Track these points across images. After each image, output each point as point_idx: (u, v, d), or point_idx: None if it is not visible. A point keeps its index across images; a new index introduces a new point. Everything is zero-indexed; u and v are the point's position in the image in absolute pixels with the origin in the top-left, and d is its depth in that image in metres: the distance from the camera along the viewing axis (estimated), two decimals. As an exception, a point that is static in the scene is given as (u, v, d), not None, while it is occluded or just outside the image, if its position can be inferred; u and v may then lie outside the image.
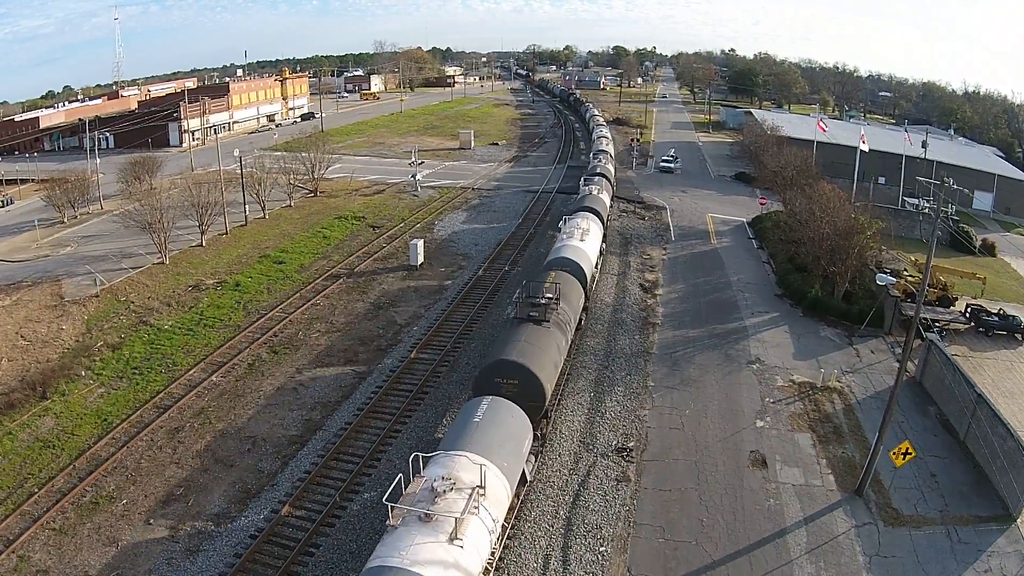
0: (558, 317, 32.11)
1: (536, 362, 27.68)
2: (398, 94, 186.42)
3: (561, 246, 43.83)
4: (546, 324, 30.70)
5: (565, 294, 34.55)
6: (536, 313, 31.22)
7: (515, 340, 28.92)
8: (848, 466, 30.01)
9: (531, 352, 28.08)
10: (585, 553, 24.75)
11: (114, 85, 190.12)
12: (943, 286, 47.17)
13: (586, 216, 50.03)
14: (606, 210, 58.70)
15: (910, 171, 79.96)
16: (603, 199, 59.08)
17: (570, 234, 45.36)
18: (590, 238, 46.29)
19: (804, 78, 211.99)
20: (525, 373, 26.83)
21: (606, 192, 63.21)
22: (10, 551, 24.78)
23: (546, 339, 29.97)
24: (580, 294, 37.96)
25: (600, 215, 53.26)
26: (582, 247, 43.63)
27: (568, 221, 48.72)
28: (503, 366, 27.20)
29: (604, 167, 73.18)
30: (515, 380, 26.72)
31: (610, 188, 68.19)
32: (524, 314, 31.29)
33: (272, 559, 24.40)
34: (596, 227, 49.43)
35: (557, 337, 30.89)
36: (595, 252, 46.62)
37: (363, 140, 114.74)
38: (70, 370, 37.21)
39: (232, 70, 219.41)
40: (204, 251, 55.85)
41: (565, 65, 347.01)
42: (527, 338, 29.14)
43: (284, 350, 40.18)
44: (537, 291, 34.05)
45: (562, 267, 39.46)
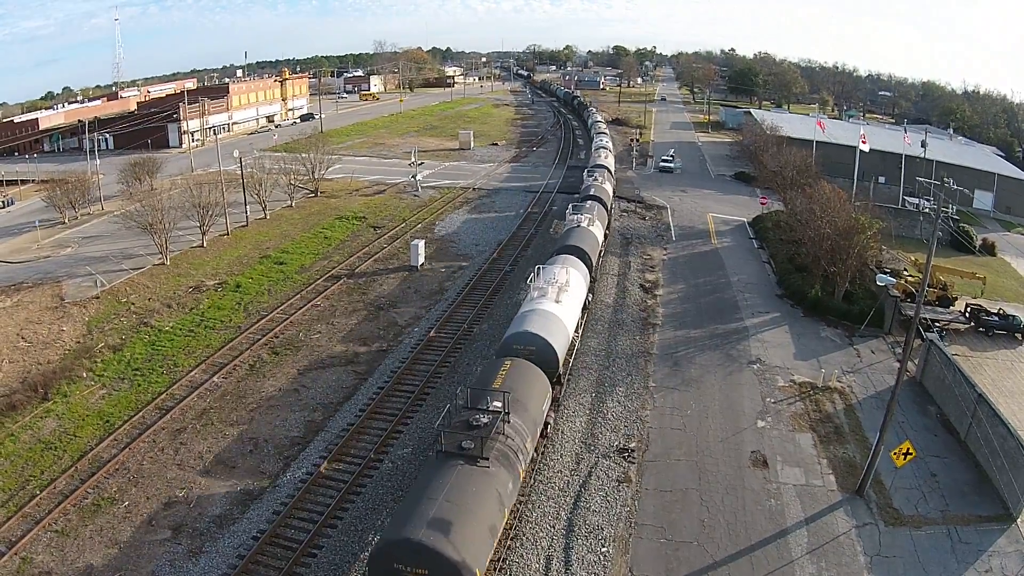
0: (505, 446, 22.88)
1: (458, 544, 18.56)
2: (398, 95, 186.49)
3: (526, 313, 32.48)
4: (483, 463, 21.37)
5: (520, 400, 25.18)
6: (470, 444, 21.79)
7: (428, 500, 19.72)
8: (849, 466, 30.06)
9: (451, 526, 18.87)
10: (587, 554, 24.79)
11: (113, 86, 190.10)
12: (943, 286, 47.21)
13: (566, 262, 39.71)
14: (597, 249, 47.62)
15: (910, 171, 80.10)
16: (594, 233, 47.88)
17: (542, 291, 34.34)
18: (569, 297, 35.01)
19: (804, 78, 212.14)
20: (438, 562, 18.12)
21: (599, 222, 51.52)
22: (13, 553, 24.82)
23: (480, 495, 20.51)
24: (545, 390, 27.66)
25: (587, 258, 42.64)
26: (556, 313, 32.59)
27: (543, 271, 38.02)
28: (404, 552, 18.36)
29: (600, 187, 61.83)
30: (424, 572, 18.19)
31: (605, 216, 56.08)
32: (453, 445, 21.97)
33: (274, 560, 24.47)
34: (579, 278, 38.73)
35: (499, 483, 21.49)
36: (574, 319, 35.03)
37: (363, 141, 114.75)
38: (71, 371, 37.24)
39: (231, 71, 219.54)
40: (205, 252, 55.87)
41: (565, 65, 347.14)
42: (449, 494, 19.94)
43: (285, 351, 40.21)
44: (478, 399, 24.60)
45: (524, 345, 29.66)
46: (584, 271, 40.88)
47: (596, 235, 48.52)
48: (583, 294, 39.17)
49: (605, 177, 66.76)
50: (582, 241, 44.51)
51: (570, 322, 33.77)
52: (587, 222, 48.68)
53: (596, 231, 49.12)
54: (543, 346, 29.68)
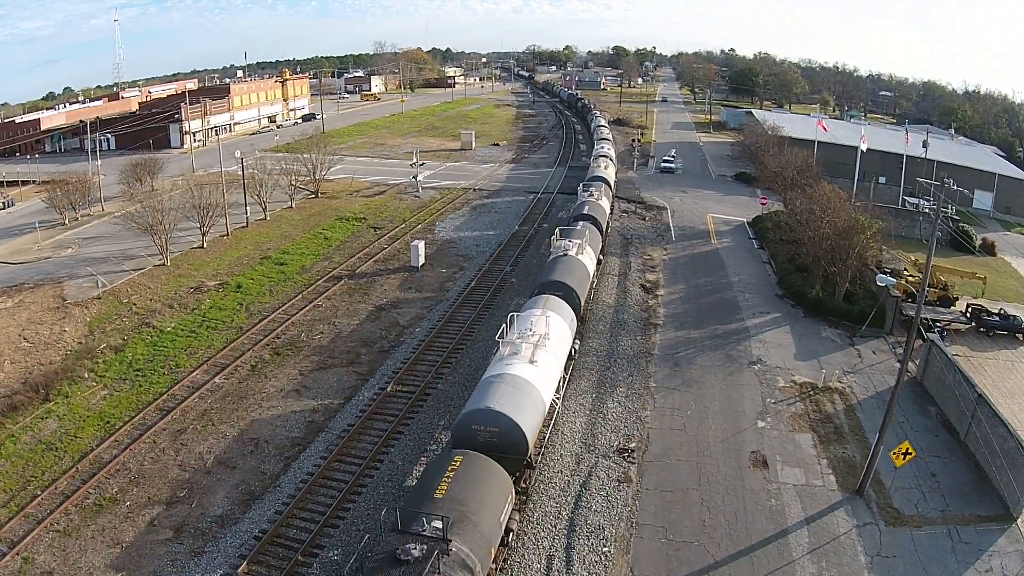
0: None
1: None
2: (399, 95, 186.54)
3: (491, 381, 26.55)
4: None
5: (470, 515, 19.89)
6: None
7: None
8: (849, 466, 30.08)
9: None
10: (588, 554, 24.83)
11: (114, 86, 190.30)
12: (944, 286, 47.24)
13: (548, 306, 33.19)
14: (587, 283, 41.16)
15: (910, 171, 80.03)
16: (583, 264, 41.37)
17: (514, 348, 28.41)
18: (548, 355, 29.05)
19: (804, 78, 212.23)
20: None
21: (591, 248, 44.73)
22: (15, 553, 24.87)
23: None
24: (505, 492, 22.28)
25: (574, 297, 36.41)
26: (529, 379, 26.79)
27: (518, 320, 31.44)
28: None
29: (595, 204, 54.68)
30: None
31: (599, 240, 49.49)
32: None
33: (277, 560, 24.52)
34: (562, 326, 32.44)
35: None
36: (553, 381, 29.15)
37: (364, 141, 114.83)
38: (72, 372, 37.29)
39: (232, 71, 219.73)
40: (205, 253, 55.94)
41: (565, 65, 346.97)
42: None
43: (286, 352, 40.26)
44: (412, 520, 19.16)
45: (486, 426, 24.20)
46: (569, 315, 34.62)
47: (586, 266, 41.88)
48: (567, 345, 32.66)
49: (602, 192, 59.13)
50: (568, 275, 38.32)
51: (547, 388, 27.89)
52: (576, 249, 42.08)
53: (587, 260, 42.40)
54: (508, 428, 24.24)
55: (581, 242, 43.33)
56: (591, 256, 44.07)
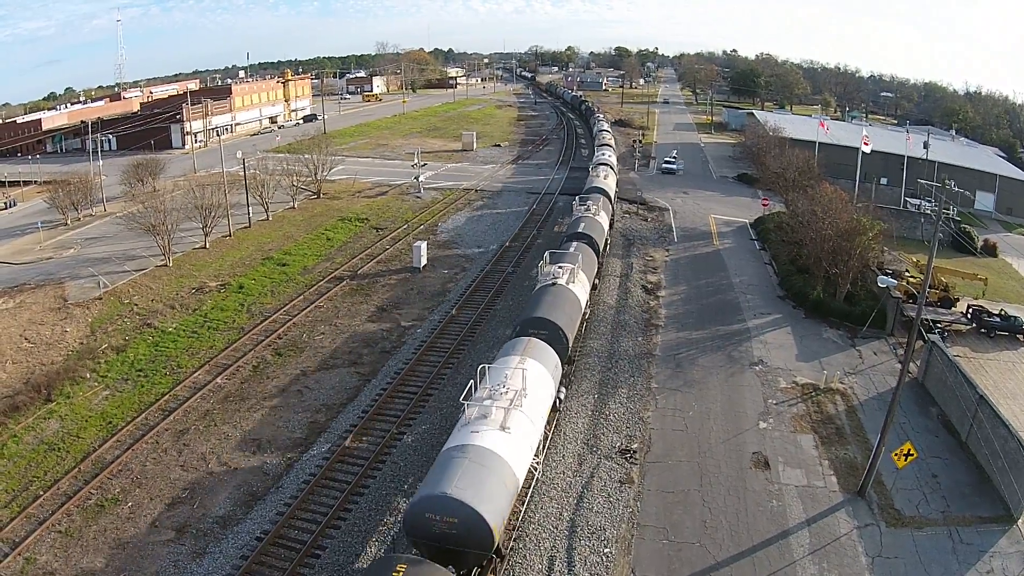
0: None
1: None
2: (400, 96, 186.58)
3: (452, 455, 22.22)
4: None
5: None
6: None
7: None
8: (850, 467, 30.10)
9: None
10: (589, 555, 24.86)
11: (116, 87, 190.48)
12: (945, 287, 47.21)
13: (528, 352, 28.59)
14: (578, 318, 36.05)
15: (912, 172, 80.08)
16: (573, 295, 36.19)
17: (484, 411, 23.97)
18: (524, 417, 24.58)
19: (806, 79, 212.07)
20: None
21: (585, 274, 39.67)
22: (16, 554, 24.91)
23: None
24: None
25: (560, 337, 31.64)
26: (499, 452, 22.42)
27: (491, 372, 26.63)
28: None
29: (592, 220, 48.92)
30: None
31: (594, 263, 44.26)
32: None
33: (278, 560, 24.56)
34: (543, 377, 27.87)
35: None
36: (530, 449, 24.62)
37: (366, 142, 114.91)
38: (74, 372, 37.33)
39: (234, 72, 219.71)
40: (207, 253, 56.01)
41: (567, 66, 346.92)
42: None
43: (288, 352, 40.32)
44: None
45: (443, 516, 20.50)
46: (553, 361, 29.86)
47: (577, 298, 36.53)
48: (549, 399, 27.94)
49: (600, 206, 53.11)
50: (555, 310, 33.32)
51: (522, 460, 23.44)
52: (567, 277, 36.91)
53: (578, 290, 37.08)
54: (469, 519, 20.27)
55: (573, 268, 38.15)
56: (584, 284, 39.09)
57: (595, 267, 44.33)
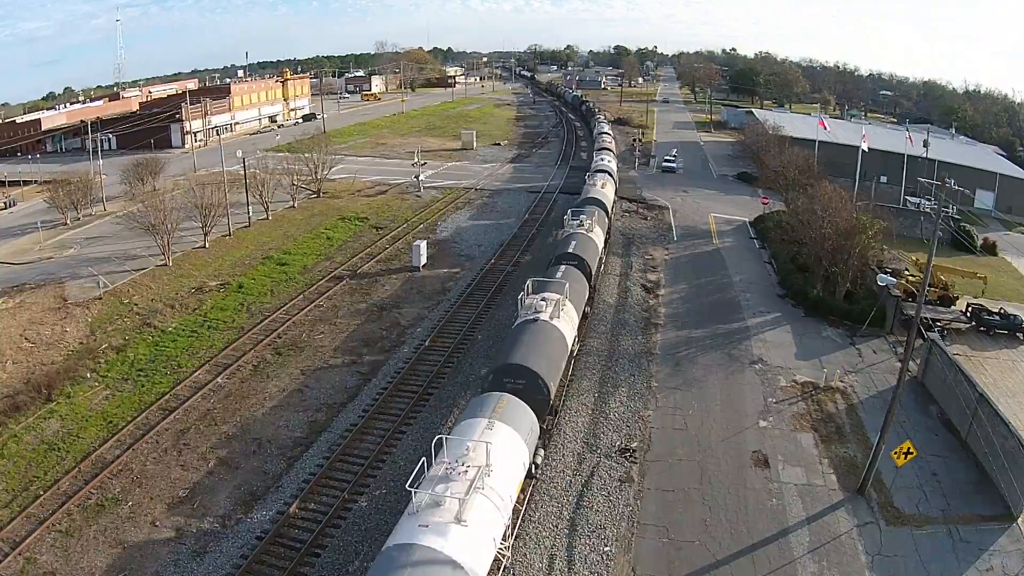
0: None
1: None
2: (399, 95, 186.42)
3: None
4: None
5: None
6: None
7: None
8: (850, 466, 30.13)
9: None
10: (590, 553, 24.89)
11: (115, 86, 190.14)
12: (944, 285, 47.20)
13: (496, 415, 23.89)
14: (563, 360, 31.05)
15: (912, 170, 79.98)
16: (558, 331, 31.08)
17: (435, 501, 19.63)
18: (485, 504, 20.15)
19: (805, 77, 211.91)
20: None
21: (573, 304, 34.36)
22: (16, 553, 24.93)
23: None
24: None
25: (539, 389, 26.88)
26: (454, 556, 18.22)
27: (448, 444, 22.04)
28: None
29: (585, 237, 43.99)
30: None
31: (585, 287, 39.12)
32: None
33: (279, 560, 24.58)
34: (513, 448, 23.13)
35: None
36: (490, 551, 19.99)
37: (365, 141, 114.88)
38: (74, 372, 37.34)
39: (233, 71, 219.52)
40: (207, 253, 55.99)
41: (566, 65, 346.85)
42: None
43: (288, 352, 40.33)
44: None
45: None
46: (528, 421, 24.93)
47: (562, 335, 31.24)
48: (521, 471, 23.50)
49: (595, 220, 47.77)
50: (533, 354, 28.07)
51: (481, 560, 19.22)
52: (552, 310, 31.65)
53: (564, 326, 31.72)
54: None
55: (559, 299, 32.74)
56: (571, 318, 33.43)
57: (586, 294, 39.17)
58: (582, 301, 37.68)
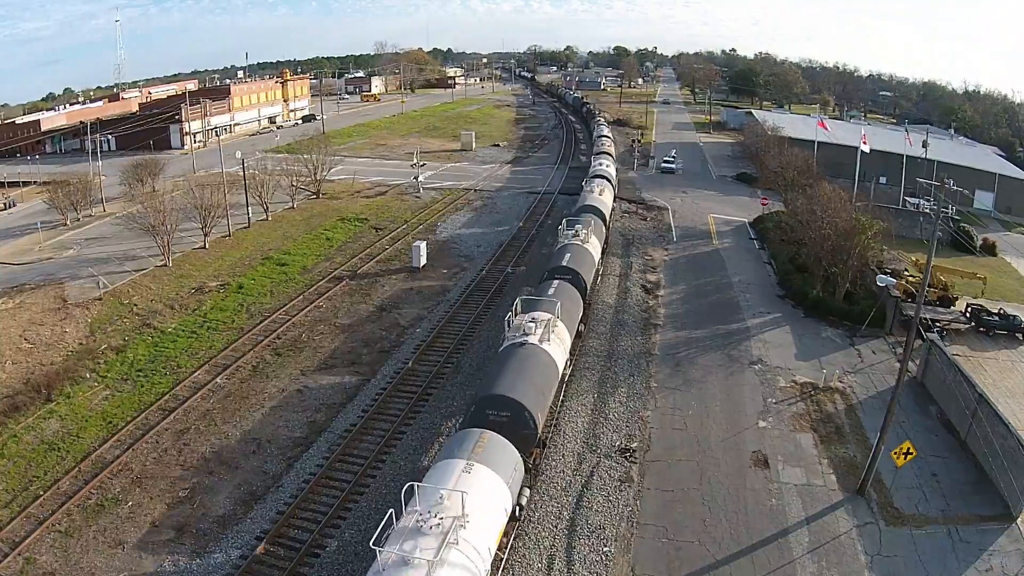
0: None
1: None
2: (399, 95, 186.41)
3: None
4: None
5: None
6: None
7: None
8: (850, 466, 30.14)
9: None
10: (589, 553, 24.90)
11: (115, 87, 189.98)
12: (944, 286, 47.27)
13: (477, 448, 22.07)
14: (548, 399, 27.48)
15: (911, 171, 79.91)
16: (548, 359, 28.49)
17: (403, 556, 17.54)
18: (459, 561, 18.00)
19: (804, 78, 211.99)
20: None
21: (563, 324, 31.53)
22: (16, 553, 24.93)
23: None
24: None
25: (527, 422, 24.93)
26: None
27: (420, 494, 19.70)
28: None
29: (580, 250, 41.70)
30: None
31: (580, 306, 36.52)
32: None
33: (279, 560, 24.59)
34: (492, 496, 20.93)
35: None
36: None
37: (365, 142, 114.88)
38: (74, 373, 37.35)
39: (233, 72, 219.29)
40: (207, 253, 56.00)
41: (566, 66, 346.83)
42: None
43: (288, 352, 40.33)
44: None
45: None
46: (511, 461, 22.77)
47: (553, 359, 28.55)
48: (502, 518, 21.36)
49: (591, 230, 45.19)
50: (520, 382, 25.80)
51: None
52: (541, 331, 28.93)
53: (555, 349, 28.95)
54: None
55: (550, 319, 29.76)
56: (563, 340, 30.61)
57: (580, 312, 36.41)
58: (575, 319, 34.73)
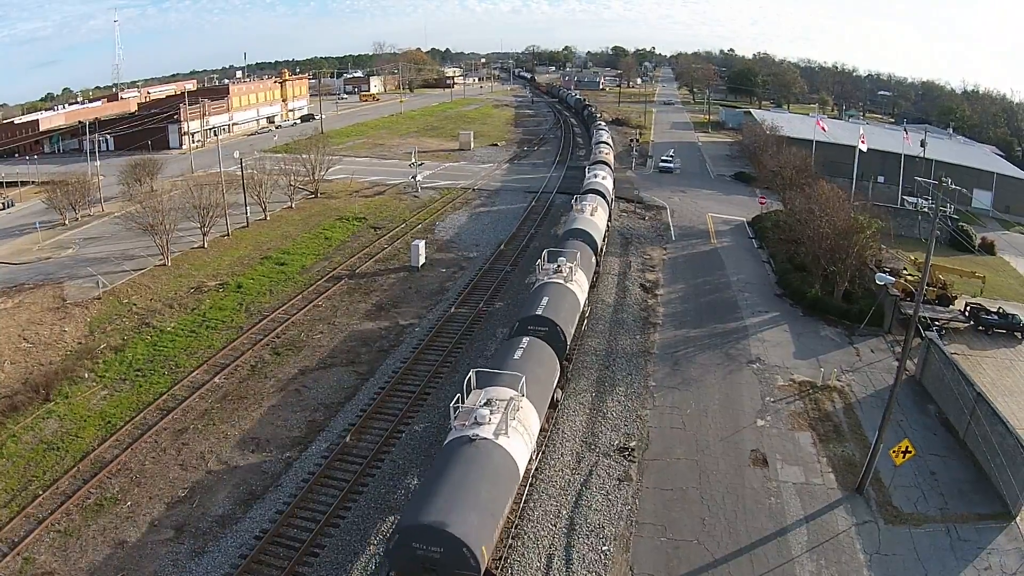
0: None
1: None
2: (397, 95, 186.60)
3: None
4: None
5: None
6: None
7: None
8: (848, 464, 30.16)
9: None
10: (588, 552, 24.90)
11: (113, 87, 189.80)
12: (942, 285, 47.30)
13: None
14: (508, 502, 21.77)
15: (909, 170, 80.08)
16: (505, 458, 22.21)
17: None
18: None
19: (803, 78, 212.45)
20: None
21: (528, 411, 24.69)
22: (15, 553, 24.89)
23: None
24: None
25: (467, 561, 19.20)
26: None
27: None
28: None
29: (562, 291, 35.23)
30: None
31: (555, 365, 29.97)
32: None
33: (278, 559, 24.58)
34: None
35: None
36: None
37: (363, 142, 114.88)
38: (73, 372, 37.30)
39: (231, 72, 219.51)
40: (206, 253, 55.98)
41: (564, 66, 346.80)
42: None
43: (287, 351, 40.31)
44: None
45: None
46: None
47: (512, 460, 22.28)
48: None
49: (579, 261, 38.60)
50: (448, 517, 19.01)
51: None
52: (499, 424, 22.30)
53: (515, 447, 22.71)
54: None
55: (512, 399, 23.28)
56: (527, 430, 23.46)
57: (555, 376, 29.98)
58: (549, 389, 27.18)
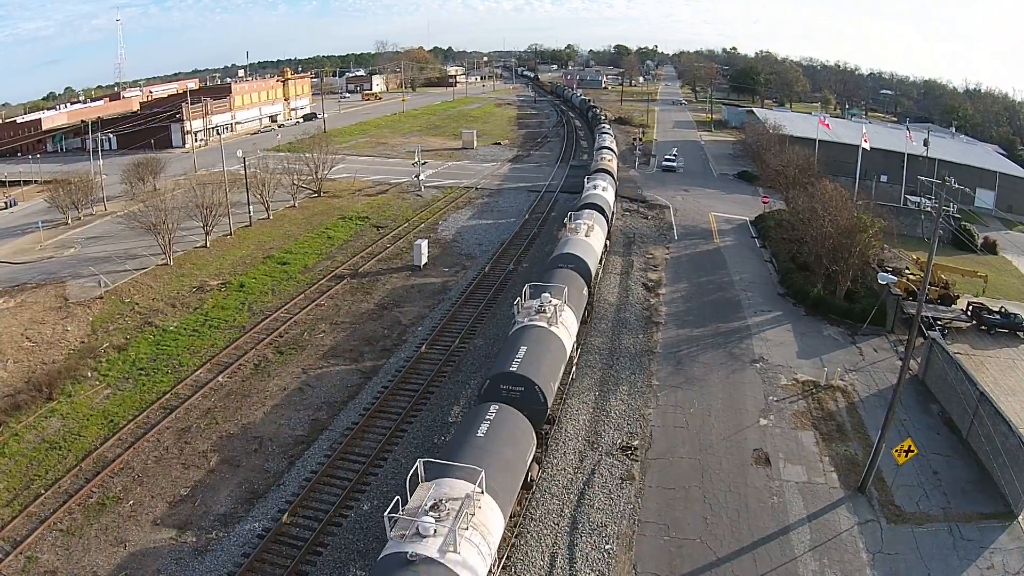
0: None
1: None
2: (400, 94, 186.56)
3: None
4: None
5: None
6: None
7: None
8: (851, 464, 30.13)
9: None
10: (591, 551, 24.90)
11: (116, 86, 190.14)
12: (945, 284, 47.22)
13: None
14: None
15: (912, 169, 80.00)
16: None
17: None
18: None
19: (805, 76, 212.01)
20: None
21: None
22: (18, 552, 24.95)
23: None
24: None
25: None
26: None
27: None
28: None
29: (542, 333, 29.91)
30: None
31: (532, 441, 25.00)
32: None
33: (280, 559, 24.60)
34: None
35: None
36: None
37: (366, 140, 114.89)
38: (76, 371, 37.37)
39: (234, 71, 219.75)
40: (208, 252, 56.02)
41: (567, 64, 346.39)
42: None
43: (290, 351, 40.34)
44: None
45: None
46: None
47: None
48: None
49: (567, 294, 33.41)
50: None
51: None
52: (448, 535, 18.20)
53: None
54: None
55: (468, 498, 19.69)
56: (487, 527, 19.78)
57: (532, 448, 25.31)
58: (519, 479, 23.59)
